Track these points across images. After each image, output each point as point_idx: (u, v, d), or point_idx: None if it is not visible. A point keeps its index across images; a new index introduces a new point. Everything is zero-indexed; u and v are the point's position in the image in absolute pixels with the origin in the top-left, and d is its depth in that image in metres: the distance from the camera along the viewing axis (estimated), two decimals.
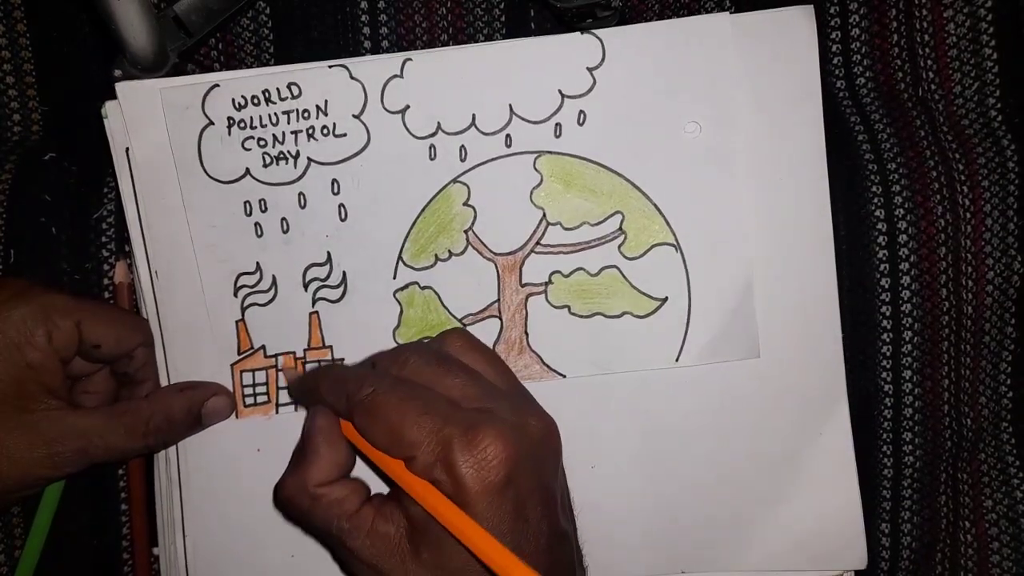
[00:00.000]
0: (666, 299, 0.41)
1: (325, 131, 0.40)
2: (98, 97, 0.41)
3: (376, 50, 0.44)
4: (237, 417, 0.42)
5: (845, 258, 0.42)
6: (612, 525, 0.42)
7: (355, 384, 0.34)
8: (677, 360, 0.41)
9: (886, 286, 0.43)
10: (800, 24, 0.40)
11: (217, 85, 0.40)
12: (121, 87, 0.40)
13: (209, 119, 0.40)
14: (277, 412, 0.42)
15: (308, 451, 0.35)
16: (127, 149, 0.41)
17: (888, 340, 0.43)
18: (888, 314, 0.43)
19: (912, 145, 0.43)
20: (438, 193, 0.41)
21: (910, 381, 0.43)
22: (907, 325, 0.43)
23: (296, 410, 0.42)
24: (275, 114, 0.40)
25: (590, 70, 0.40)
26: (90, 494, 0.43)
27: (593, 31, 0.40)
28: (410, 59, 0.40)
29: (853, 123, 0.44)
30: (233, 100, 0.40)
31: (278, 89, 0.40)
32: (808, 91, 0.40)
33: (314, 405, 0.36)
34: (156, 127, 0.40)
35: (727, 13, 0.40)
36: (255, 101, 0.40)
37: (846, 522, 0.42)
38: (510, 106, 0.41)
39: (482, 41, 0.45)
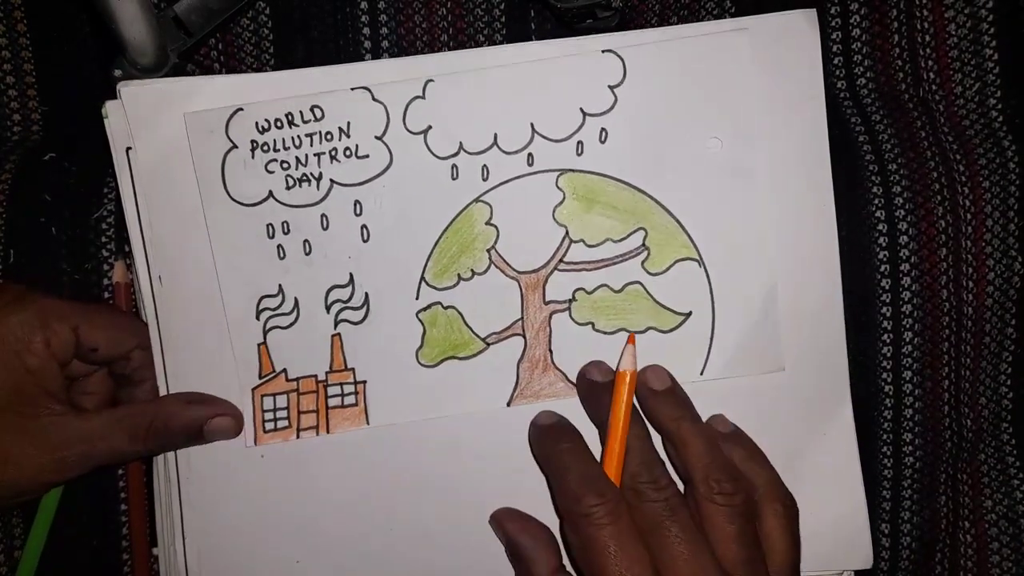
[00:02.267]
0: (690, 314, 0.41)
1: (348, 153, 0.41)
2: (98, 97, 0.41)
3: (376, 50, 0.44)
4: (256, 444, 0.41)
5: (846, 259, 0.42)
6: None
7: (582, 492, 0.35)
8: (702, 374, 0.41)
9: (887, 287, 0.43)
10: (802, 28, 0.40)
11: (241, 109, 0.40)
12: (125, 88, 0.40)
13: (233, 143, 0.40)
14: (298, 437, 0.42)
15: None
16: (127, 149, 0.41)
17: (888, 341, 0.43)
18: (888, 315, 0.43)
19: (913, 146, 0.43)
20: (460, 212, 0.41)
21: (910, 382, 0.43)
22: (907, 326, 0.43)
23: (318, 434, 0.41)
24: (298, 137, 0.40)
25: (611, 88, 0.40)
26: (90, 495, 0.43)
27: (614, 49, 0.40)
28: (432, 80, 0.40)
29: (854, 124, 0.44)
30: (256, 123, 0.40)
31: (301, 112, 0.40)
32: (811, 94, 0.40)
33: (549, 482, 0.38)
34: (159, 128, 0.40)
35: (746, 30, 0.40)
36: (278, 124, 0.40)
37: (851, 522, 0.42)
38: (532, 125, 0.41)
39: (482, 41, 0.45)
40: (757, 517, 0.37)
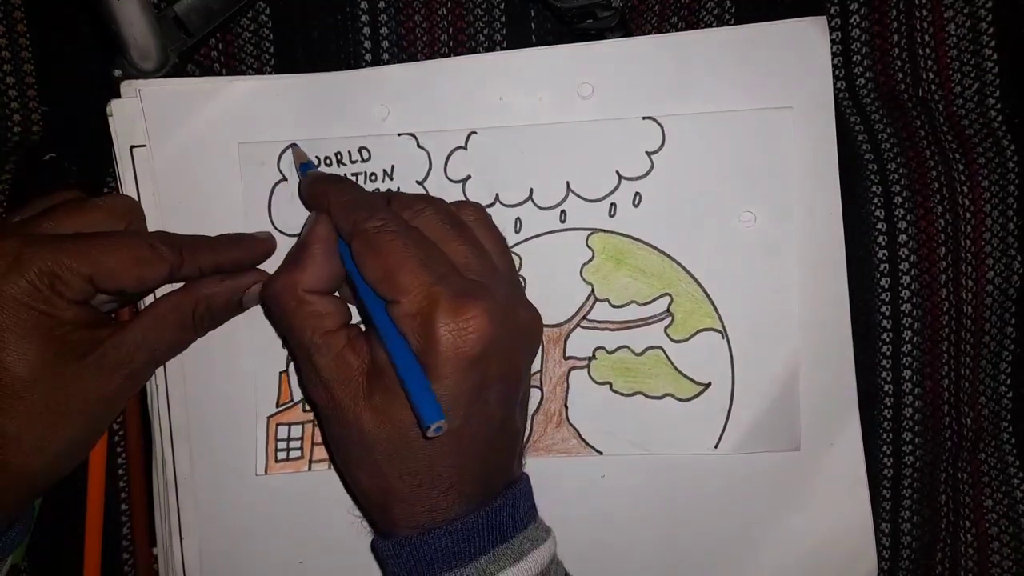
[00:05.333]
0: (709, 385, 0.41)
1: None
2: (98, 97, 0.41)
3: (376, 51, 0.44)
4: (266, 473, 0.41)
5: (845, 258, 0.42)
6: (620, 537, 0.42)
7: (366, 213, 0.34)
8: (716, 447, 0.41)
9: (886, 286, 0.43)
10: (813, 35, 0.40)
11: (295, 144, 0.41)
12: (145, 88, 0.40)
13: (282, 175, 0.41)
14: (309, 469, 0.42)
15: (304, 256, 0.35)
16: (131, 147, 0.41)
17: (888, 340, 0.43)
18: (888, 314, 0.43)
19: (912, 145, 0.44)
20: None
21: (910, 381, 0.43)
22: (907, 325, 0.43)
23: (329, 467, 0.41)
24: (345, 175, 0.41)
25: (649, 154, 0.41)
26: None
27: (655, 117, 0.40)
28: (475, 132, 0.41)
29: (853, 123, 0.44)
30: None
31: (350, 152, 0.41)
32: (821, 101, 0.40)
33: (318, 211, 0.36)
34: (177, 127, 0.41)
35: (791, 108, 0.40)
36: (327, 162, 0.41)
37: (857, 533, 0.42)
38: (567, 183, 0.41)
39: (482, 41, 0.45)
40: (462, 225, 0.36)
